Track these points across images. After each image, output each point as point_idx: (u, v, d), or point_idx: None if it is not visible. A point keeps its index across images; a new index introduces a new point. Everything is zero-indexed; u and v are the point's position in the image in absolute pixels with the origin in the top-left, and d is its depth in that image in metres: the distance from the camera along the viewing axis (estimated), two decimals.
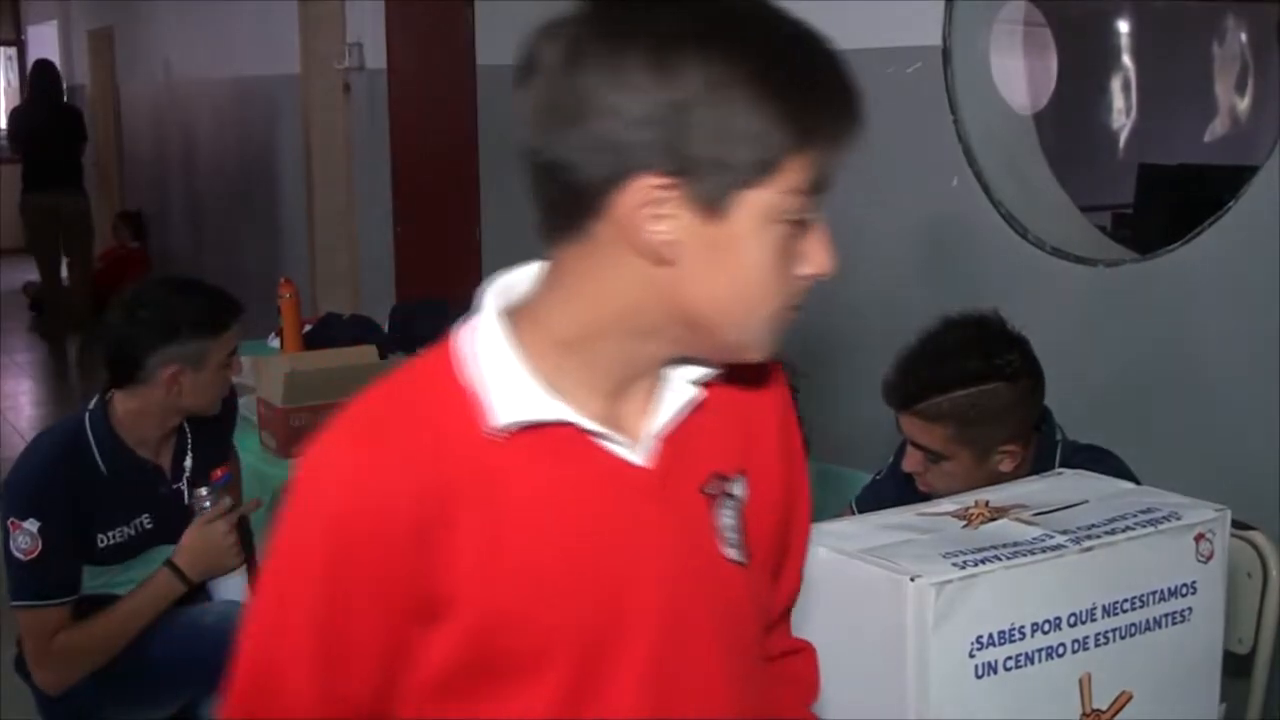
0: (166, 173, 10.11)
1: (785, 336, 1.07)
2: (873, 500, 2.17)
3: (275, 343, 4.35)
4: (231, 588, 2.47)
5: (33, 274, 9.04)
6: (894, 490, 2.13)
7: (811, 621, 1.37)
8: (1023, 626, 1.32)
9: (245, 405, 3.43)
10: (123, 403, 2.43)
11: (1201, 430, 2.79)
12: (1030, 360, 1.94)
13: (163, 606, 2.40)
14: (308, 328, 4.36)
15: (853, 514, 2.19)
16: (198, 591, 2.47)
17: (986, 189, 3.30)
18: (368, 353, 3.78)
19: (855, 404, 3.72)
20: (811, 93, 0.93)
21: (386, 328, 4.53)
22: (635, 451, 1.00)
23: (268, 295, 4.22)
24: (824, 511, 2.37)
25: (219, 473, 2.52)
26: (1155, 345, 2.93)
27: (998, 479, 1.87)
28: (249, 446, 3.03)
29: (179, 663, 2.37)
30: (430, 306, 4.86)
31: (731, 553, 1.05)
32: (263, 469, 2.99)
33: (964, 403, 1.88)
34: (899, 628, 1.28)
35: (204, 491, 2.48)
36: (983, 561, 1.32)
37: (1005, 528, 1.41)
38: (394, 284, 6.90)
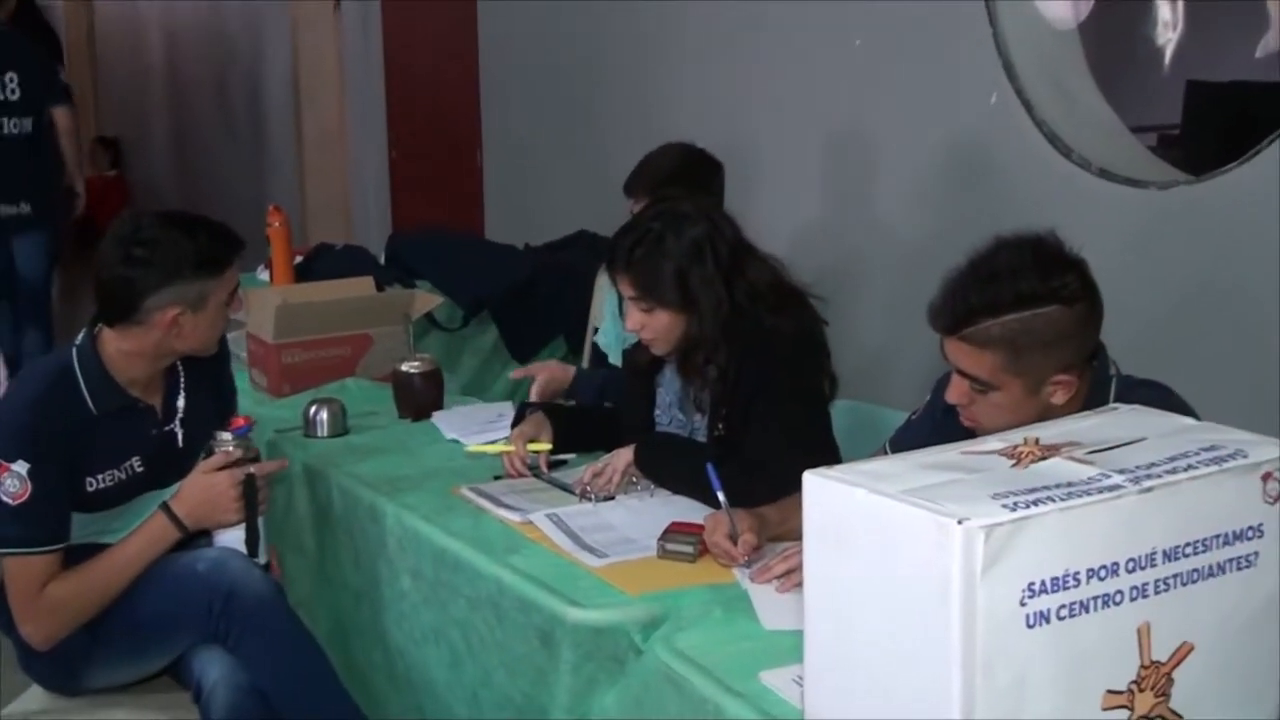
0: (145, 96, 10.04)
1: (807, 265, 1.05)
2: (910, 441, 2.14)
3: (264, 275, 4.33)
4: (230, 540, 2.46)
5: None
6: (932, 430, 2.10)
7: (848, 568, 1.35)
8: (1077, 573, 1.30)
9: (234, 341, 3.41)
10: (114, 341, 2.40)
11: (1258, 363, 2.76)
12: (1088, 284, 1.91)
13: (157, 553, 2.39)
14: (298, 259, 4.34)
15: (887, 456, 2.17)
16: (191, 538, 2.45)
17: (1028, 106, 3.26)
18: (363, 285, 3.76)
19: (886, 336, 3.70)
20: None
21: (382, 259, 4.52)
22: None
23: (256, 225, 4.19)
24: (856, 452, 2.36)
25: (241, 421, 2.48)
26: (1210, 272, 2.89)
27: (1049, 413, 1.84)
28: (239, 386, 3.00)
29: (170, 613, 2.37)
30: (429, 236, 4.84)
31: None
32: (253, 410, 2.97)
33: (1016, 327, 1.85)
34: (944, 575, 1.26)
35: (228, 436, 2.45)
36: (1034, 503, 1.29)
37: (1058, 467, 1.39)
38: (390, 212, 6.87)
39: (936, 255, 2.01)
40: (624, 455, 2.44)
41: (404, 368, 3.03)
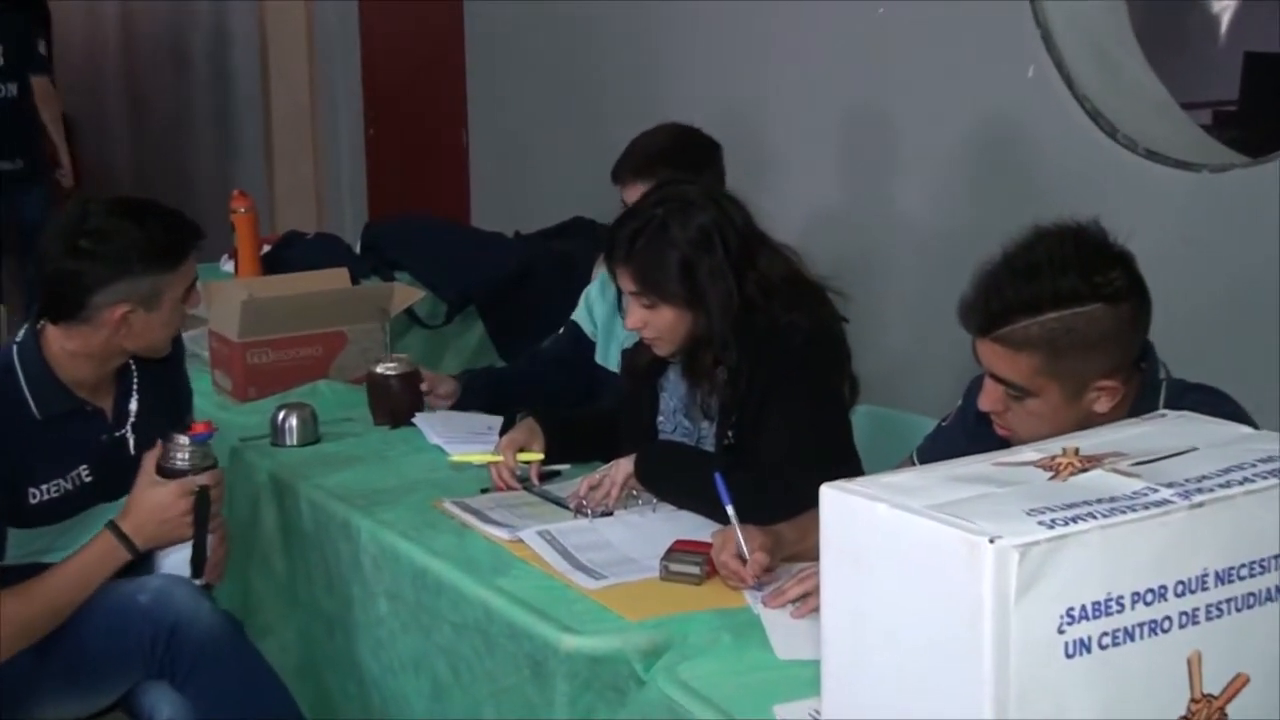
0: (97, 68, 10.04)
1: (824, 258, 1.05)
2: (939, 451, 2.15)
3: (229, 266, 4.34)
4: (178, 562, 2.44)
5: None
6: (964, 439, 2.11)
7: (869, 591, 1.35)
8: (1121, 597, 1.30)
9: (195, 340, 3.41)
10: (59, 340, 2.40)
11: None
12: (1135, 279, 1.91)
13: (105, 576, 2.38)
14: (266, 248, 4.35)
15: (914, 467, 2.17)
16: (139, 562, 2.44)
17: (1068, 80, 3.26)
18: (337, 277, 3.77)
19: (912, 335, 3.71)
20: None
21: (358, 248, 4.53)
22: None
23: (219, 211, 4.20)
24: (879, 463, 2.37)
25: (201, 427, 2.43)
26: (1270, 265, 2.89)
27: (1091, 421, 1.84)
28: (200, 388, 3.02)
29: (110, 649, 2.36)
30: (409, 223, 4.84)
31: None
32: (216, 415, 2.98)
33: (1056, 327, 1.86)
34: (974, 598, 1.26)
35: (185, 441, 2.39)
36: (1074, 520, 1.29)
37: (1100, 480, 1.38)
38: (366, 197, 6.87)
39: (967, 246, 2.01)
40: (623, 466, 2.44)
41: (379, 369, 3.04)
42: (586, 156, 4.93)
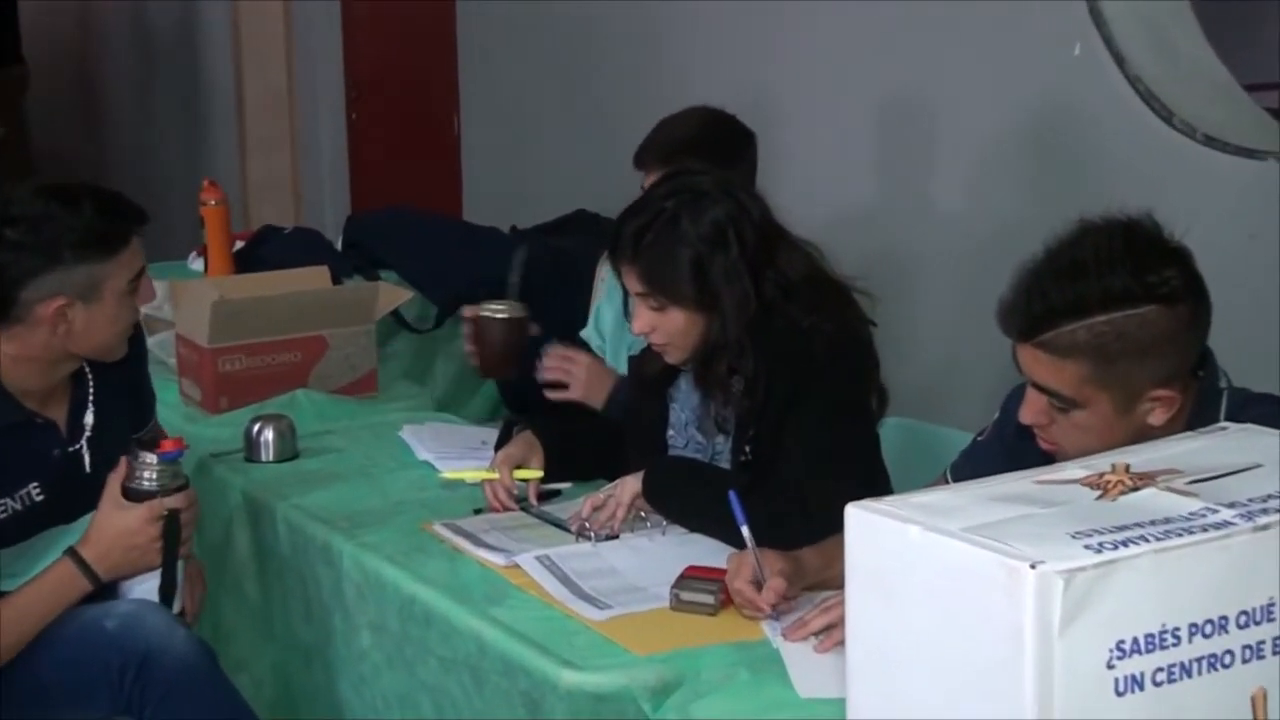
0: (55, 51, 10.05)
1: (850, 257, 1.06)
2: (975, 468, 2.15)
3: (197, 264, 4.34)
4: (146, 592, 2.42)
5: None
6: (1003, 455, 2.11)
7: (899, 622, 1.35)
8: (1177, 629, 1.30)
9: (160, 345, 3.42)
10: (0, 345, 2.41)
11: None
12: (1192, 278, 1.91)
13: (61, 608, 2.36)
14: (239, 244, 4.35)
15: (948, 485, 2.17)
16: (101, 592, 2.43)
17: (1119, 59, 3.25)
18: (317, 276, 3.77)
19: (946, 341, 3.70)
20: None
21: (340, 244, 4.53)
22: None
23: (187, 203, 4.20)
24: (910, 481, 2.37)
25: (171, 444, 2.41)
26: None
27: (1145, 435, 1.84)
28: (166, 399, 3.02)
29: (75, 680, 2.35)
30: (396, 216, 4.85)
31: None
32: (183, 429, 2.98)
33: (1106, 331, 1.86)
34: (1015, 630, 1.26)
35: (153, 459, 2.37)
36: (1124, 543, 1.29)
37: (1153, 499, 1.39)
38: (348, 188, 6.88)
39: (1008, 244, 2.01)
40: (630, 484, 2.45)
41: (485, 312, 3.03)
42: (591, 143, 4.94)
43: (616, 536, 2.44)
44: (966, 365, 3.55)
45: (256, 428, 2.97)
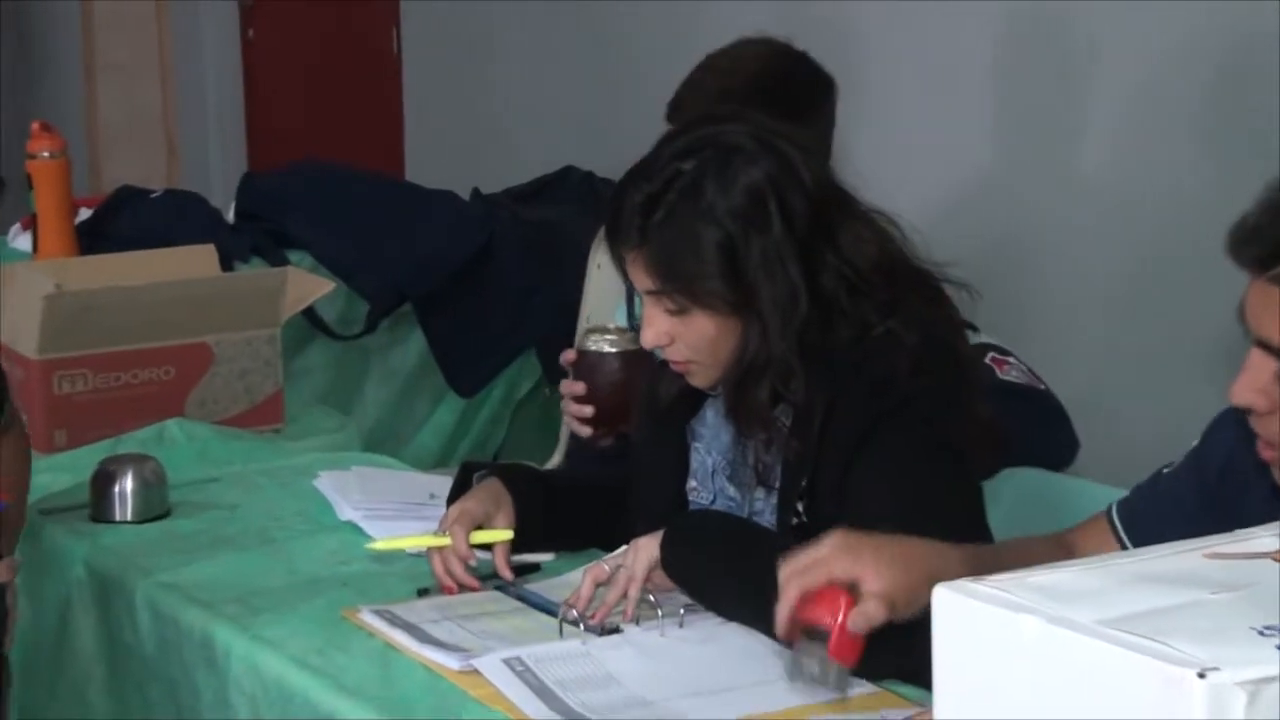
0: None
1: (953, 243, 1.07)
2: (1151, 510, 2.19)
3: (22, 241, 4.34)
4: None
5: None
6: (1193, 498, 2.15)
7: None
8: None
9: None
10: None
11: None
12: None
13: None
14: (85, 213, 4.36)
15: (1114, 535, 2.22)
16: None
17: None
18: (198, 258, 3.77)
19: (1087, 359, 3.70)
20: None
21: (231, 214, 4.54)
22: None
23: (9, 157, 4.21)
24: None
25: None
26: None
27: None
28: None
29: None
30: (311, 175, 4.84)
31: None
32: None
33: None
34: None
35: None
36: None
37: None
38: (244, 135, 6.90)
39: (1181, 222, 2.02)
40: (646, 549, 2.42)
41: (591, 344, 2.89)
42: (587, 72, 4.96)
43: (618, 629, 2.43)
44: (1116, 390, 3.54)
45: (109, 473, 2.97)
